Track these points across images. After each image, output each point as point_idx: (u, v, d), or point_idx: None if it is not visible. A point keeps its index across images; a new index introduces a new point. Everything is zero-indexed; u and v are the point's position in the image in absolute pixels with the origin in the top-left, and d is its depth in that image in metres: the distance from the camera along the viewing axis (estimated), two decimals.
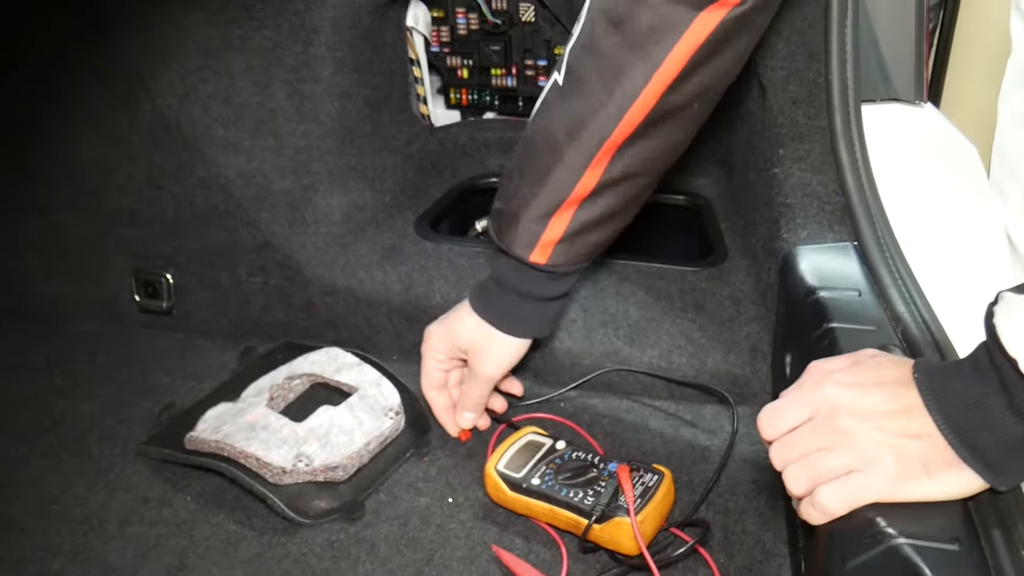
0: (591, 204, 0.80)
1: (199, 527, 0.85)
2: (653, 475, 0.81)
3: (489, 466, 0.84)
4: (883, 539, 0.56)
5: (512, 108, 1.41)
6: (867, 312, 0.78)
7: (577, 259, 0.84)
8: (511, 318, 0.87)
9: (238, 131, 1.12)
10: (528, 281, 0.85)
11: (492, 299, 0.87)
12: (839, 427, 0.60)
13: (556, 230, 0.81)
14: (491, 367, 0.89)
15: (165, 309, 1.19)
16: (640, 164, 0.78)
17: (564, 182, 0.79)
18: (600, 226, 0.82)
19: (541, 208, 0.81)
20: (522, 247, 0.83)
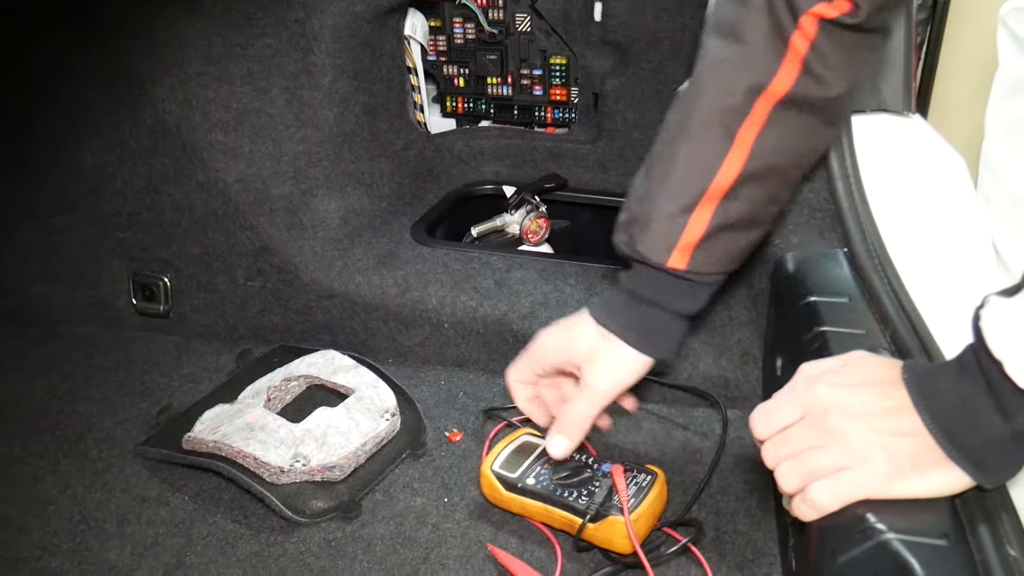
0: (732, 199, 0.73)
1: (197, 526, 0.85)
2: (646, 475, 0.82)
3: (485, 466, 0.85)
4: (873, 534, 0.57)
5: (507, 116, 1.43)
6: (857, 316, 0.79)
7: (719, 264, 0.76)
8: (639, 331, 0.78)
9: (237, 136, 1.13)
10: (664, 290, 0.76)
11: (619, 309, 0.79)
12: (830, 426, 0.61)
13: (696, 228, 0.73)
14: (607, 381, 0.79)
15: (162, 312, 1.20)
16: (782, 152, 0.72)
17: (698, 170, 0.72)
18: (743, 229, 0.75)
19: (676, 202, 0.73)
20: (658, 251, 0.74)
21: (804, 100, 0.70)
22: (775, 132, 0.71)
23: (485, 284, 1.09)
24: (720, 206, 0.73)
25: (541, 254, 1.22)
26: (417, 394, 1.03)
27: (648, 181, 0.76)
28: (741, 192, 0.73)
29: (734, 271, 0.78)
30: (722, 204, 0.73)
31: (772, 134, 0.71)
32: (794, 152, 0.73)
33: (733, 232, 0.75)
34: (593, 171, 1.37)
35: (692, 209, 0.73)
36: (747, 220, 0.75)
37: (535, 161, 1.39)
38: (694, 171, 0.73)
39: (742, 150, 0.71)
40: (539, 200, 1.31)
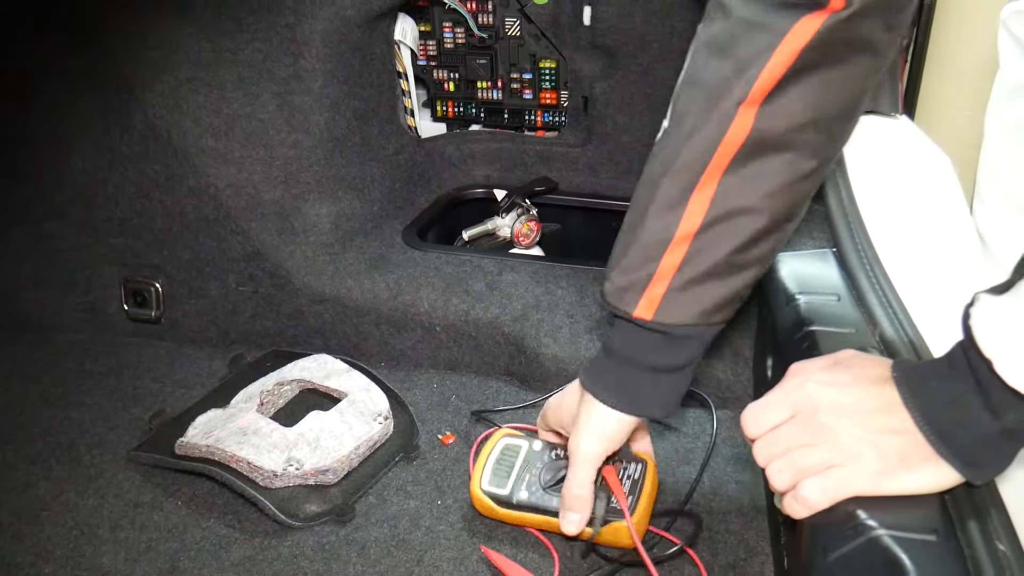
0: (699, 247, 0.69)
1: (190, 531, 0.86)
2: (636, 464, 0.82)
3: (474, 486, 0.84)
4: (864, 531, 0.57)
5: (497, 120, 1.43)
6: (846, 315, 0.79)
7: (692, 317, 0.71)
8: (615, 389, 0.75)
9: (228, 141, 1.13)
10: (634, 343, 0.73)
11: (600, 368, 0.76)
12: (821, 424, 0.61)
13: (663, 279, 0.70)
14: (585, 445, 0.76)
15: (154, 318, 1.20)
16: (750, 196, 0.68)
17: (664, 221, 0.70)
18: (715, 277, 0.70)
19: (643, 253, 0.71)
20: (626, 301, 0.72)
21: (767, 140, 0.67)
22: (741, 177, 0.68)
23: (477, 287, 1.10)
24: (688, 254, 0.69)
25: (532, 257, 1.23)
26: (410, 397, 1.03)
27: (624, 233, 0.74)
28: (708, 237, 0.69)
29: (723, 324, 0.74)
30: (690, 252, 0.69)
31: (737, 179, 0.68)
32: (770, 193, 0.68)
33: (706, 281, 0.70)
34: (583, 174, 1.37)
35: (658, 260, 0.70)
36: (722, 267, 0.70)
37: (526, 165, 1.40)
38: (660, 219, 0.70)
39: (704, 195, 0.68)
40: (530, 203, 1.32)
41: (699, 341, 0.73)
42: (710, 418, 0.96)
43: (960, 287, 0.82)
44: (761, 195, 0.68)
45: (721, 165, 0.67)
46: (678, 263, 0.70)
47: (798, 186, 0.69)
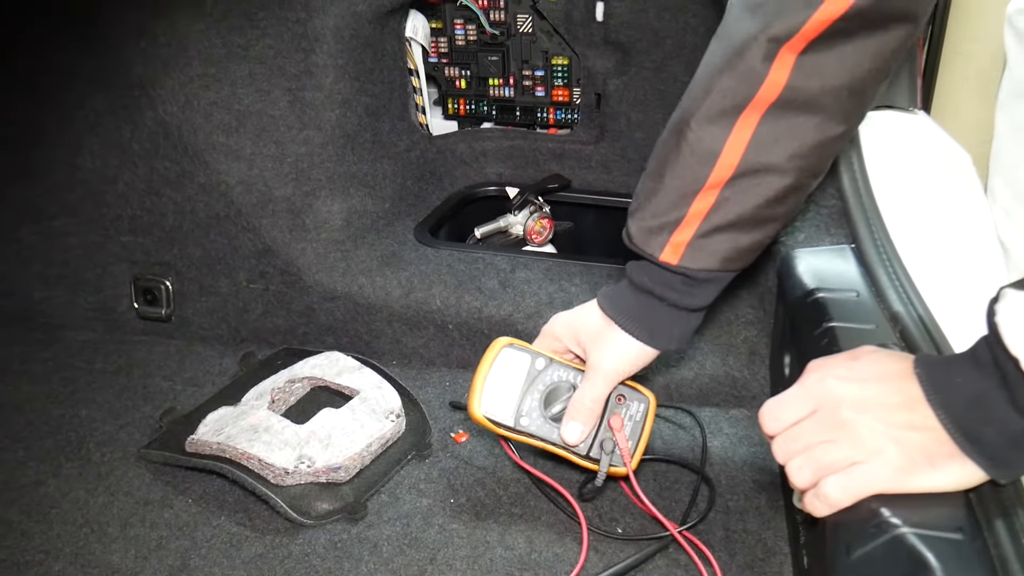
0: (727, 197, 0.72)
1: (201, 529, 0.85)
2: (639, 404, 0.83)
3: (473, 408, 0.81)
4: (887, 529, 0.56)
5: (510, 118, 1.42)
6: (865, 312, 0.78)
7: (716, 262, 0.75)
8: (637, 320, 0.78)
9: (239, 138, 1.12)
10: (660, 283, 0.77)
11: (621, 297, 0.79)
12: (842, 420, 0.60)
13: (689, 227, 0.73)
14: (609, 365, 0.79)
15: (164, 316, 1.19)
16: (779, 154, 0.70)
17: (695, 168, 0.72)
18: (739, 228, 0.73)
19: (671, 198, 0.73)
20: (651, 245, 0.75)
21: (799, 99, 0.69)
22: (770, 134, 0.70)
23: (489, 285, 1.09)
24: (714, 206, 0.73)
25: (545, 254, 1.22)
26: (422, 395, 1.02)
27: (647, 178, 0.76)
28: (736, 189, 0.72)
29: (742, 269, 0.78)
30: (717, 203, 0.73)
31: (767, 135, 0.70)
32: (796, 153, 0.71)
33: (730, 231, 0.74)
34: (596, 171, 1.36)
35: (686, 207, 0.73)
36: (746, 220, 0.73)
37: (538, 162, 1.39)
38: (690, 167, 0.72)
39: (737, 148, 0.71)
40: (542, 201, 1.31)
41: (718, 284, 0.77)
42: (727, 417, 0.96)
43: (980, 282, 0.81)
44: (789, 154, 0.70)
45: (753, 119, 0.69)
46: (706, 211, 0.73)
47: (825, 149, 0.72)
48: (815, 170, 0.73)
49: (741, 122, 0.70)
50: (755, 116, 0.70)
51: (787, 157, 0.71)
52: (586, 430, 0.81)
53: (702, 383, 0.99)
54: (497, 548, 0.81)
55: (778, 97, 0.68)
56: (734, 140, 0.71)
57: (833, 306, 0.79)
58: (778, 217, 0.75)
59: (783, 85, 0.68)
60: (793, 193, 0.73)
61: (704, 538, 0.80)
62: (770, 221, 0.75)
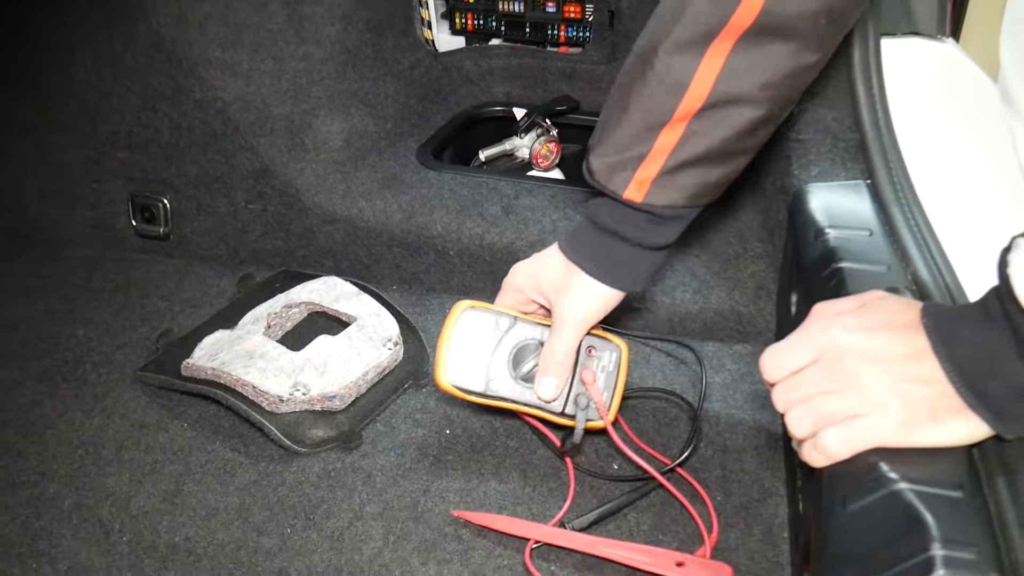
0: (695, 130, 0.68)
1: (195, 454, 0.85)
2: (611, 353, 0.80)
3: (439, 377, 0.79)
4: (885, 483, 0.55)
5: (519, 35, 1.38)
6: (877, 253, 0.76)
7: (683, 199, 0.71)
8: (599, 262, 0.75)
9: (236, 53, 1.08)
10: (623, 221, 0.73)
11: (583, 238, 0.76)
12: (845, 370, 0.58)
13: (654, 162, 0.70)
14: (575, 313, 0.76)
15: (162, 234, 1.17)
16: (751, 84, 0.67)
17: (661, 99, 0.68)
18: (708, 163, 0.70)
19: (635, 131, 0.70)
20: (614, 181, 0.71)
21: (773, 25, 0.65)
22: (743, 62, 0.66)
23: (492, 211, 1.06)
24: (682, 139, 0.69)
25: (551, 180, 1.19)
26: (421, 323, 1.01)
27: (610, 108, 0.72)
28: (705, 122, 0.68)
29: (708, 204, 0.74)
30: (684, 137, 0.69)
31: (739, 64, 0.66)
32: (769, 83, 0.67)
33: (698, 166, 0.70)
34: (607, 93, 1.30)
35: (651, 141, 0.70)
36: (715, 153, 0.70)
37: (547, 82, 1.34)
38: (654, 100, 0.69)
39: (707, 78, 0.67)
40: (550, 123, 1.27)
41: (684, 221, 0.74)
42: (730, 352, 0.94)
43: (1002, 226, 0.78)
44: (762, 84, 0.67)
45: (726, 45, 0.66)
46: (672, 145, 0.69)
47: (799, 78, 0.69)
48: (787, 100, 0.70)
49: (712, 50, 0.66)
50: (727, 43, 0.66)
51: (760, 87, 0.67)
52: (560, 384, 0.79)
53: (706, 317, 0.97)
54: (491, 481, 0.80)
55: (752, 23, 0.64)
56: (704, 69, 0.67)
57: (844, 246, 0.77)
58: (748, 150, 0.72)
59: (758, 10, 0.64)
60: (764, 124, 0.70)
61: (699, 476, 0.79)
62: (740, 154, 0.72)
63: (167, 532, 0.76)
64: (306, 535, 0.76)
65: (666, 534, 0.75)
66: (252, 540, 0.75)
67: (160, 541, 0.76)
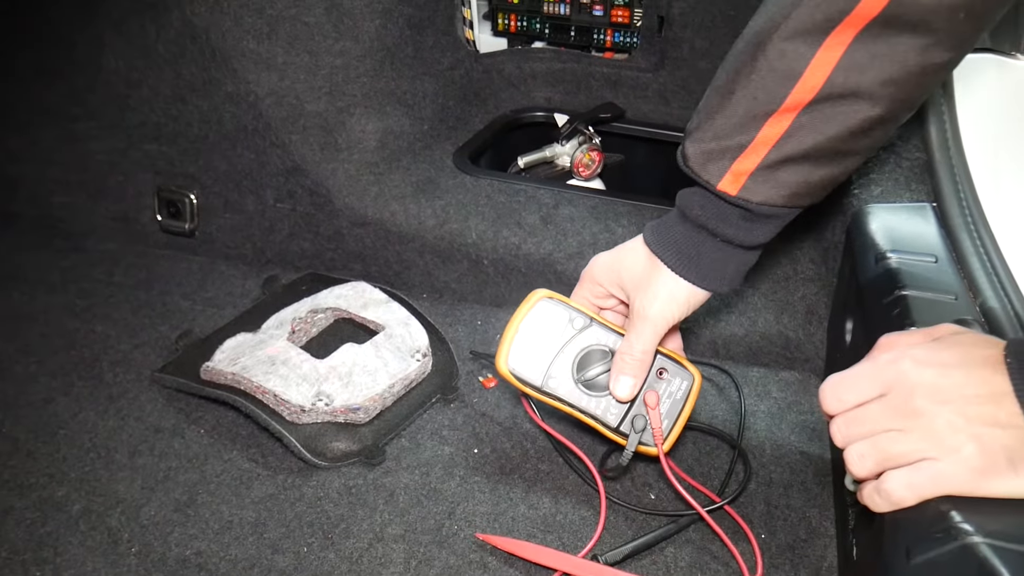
0: (803, 124, 0.63)
1: (211, 462, 0.81)
2: (681, 381, 0.75)
3: (500, 362, 0.75)
4: (957, 535, 0.50)
5: (563, 38, 1.34)
6: (944, 281, 0.71)
7: (781, 196, 0.66)
8: (685, 257, 0.70)
9: (271, 45, 1.05)
10: (716, 214, 0.68)
11: (669, 230, 0.71)
12: (915, 408, 0.53)
13: (755, 154, 0.65)
14: (656, 311, 0.71)
15: (187, 231, 1.14)
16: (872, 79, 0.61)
17: (770, 86, 0.63)
18: (813, 160, 0.65)
19: (738, 118, 0.65)
20: (710, 171, 0.66)
21: (905, 16, 0.59)
22: (865, 54, 0.61)
23: (530, 220, 1.02)
24: (788, 131, 0.64)
25: (592, 190, 1.15)
26: (451, 334, 0.97)
27: (713, 92, 0.67)
28: (816, 115, 0.63)
29: (809, 206, 0.69)
30: (791, 129, 0.64)
31: (860, 56, 0.61)
32: (891, 79, 0.61)
33: (802, 163, 0.65)
34: (653, 102, 1.28)
35: (755, 131, 0.64)
36: (823, 151, 0.64)
37: (591, 88, 1.30)
38: (761, 88, 0.63)
39: (823, 67, 0.61)
40: (593, 131, 1.23)
41: (780, 221, 0.69)
42: (776, 380, 0.90)
43: None
44: (883, 80, 0.61)
45: (847, 35, 0.60)
46: (777, 137, 0.64)
47: (927, 78, 0.62)
48: (911, 101, 0.64)
49: (832, 39, 0.60)
50: (850, 32, 0.60)
51: (881, 83, 0.61)
52: (638, 384, 0.74)
53: (752, 341, 0.92)
54: (520, 506, 0.76)
55: (881, 12, 0.59)
56: (821, 58, 0.61)
57: (907, 272, 0.72)
58: (859, 151, 0.66)
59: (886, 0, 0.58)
60: (881, 125, 0.64)
61: (743, 512, 0.75)
62: (849, 155, 0.65)
63: (177, 545, 0.73)
64: (323, 555, 0.72)
65: (705, 572, 0.70)
66: (267, 558, 0.72)
67: (170, 554, 0.72)
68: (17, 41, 1.17)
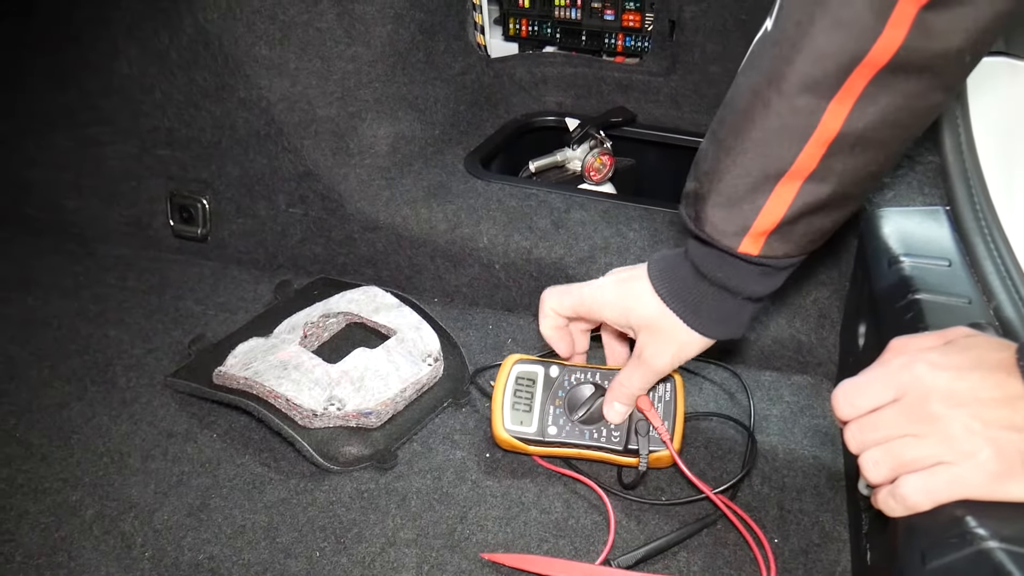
0: (816, 180, 0.62)
1: (224, 467, 0.81)
2: (665, 384, 0.79)
3: (496, 427, 0.79)
4: (972, 540, 0.50)
5: (575, 43, 1.33)
6: (957, 285, 0.71)
7: (799, 247, 0.66)
8: (704, 314, 0.70)
9: (283, 51, 1.05)
10: (735, 276, 0.68)
11: (684, 286, 0.70)
12: (930, 412, 0.53)
13: (773, 213, 0.63)
14: (665, 363, 0.73)
15: (200, 236, 1.15)
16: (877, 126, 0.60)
17: (777, 148, 0.62)
18: (829, 209, 0.64)
19: (749, 181, 0.63)
20: (728, 235, 0.65)
21: (913, 62, 0.58)
22: (874, 103, 0.60)
23: (541, 224, 1.02)
24: (804, 187, 0.62)
25: (603, 194, 1.14)
26: (463, 338, 0.97)
27: (717, 150, 0.65)
28: (830, 169, 0.62)
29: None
30: (806, 185, 0.62)
31: (871, 105, 0.60)
32: (897, 123, 0.61)
33: (818, 214, 0.64)
34: (665, 106, 1.27)
35: (770, 191, 0.63)
36: (837, 199, 0.63)
37: (602, 93, 1.30)
38: (773, 146, 0.62)
39: (835, 119, 0.60)
40: (604, 135, 1.22)
41: (794, 267, 0.69)
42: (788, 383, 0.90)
43: None
44: (891, 124, 0.60)
45: (858, 86, 0.58)
46: (794, 195, 0.63)
47: (929, 116, 0.63)
48: (912, 139, 0.65)
49: (844, 90, 0.59)
50: (861, 82, 0.58)
51: (890, 126, 0.60)
52: (627, 412, 0.78)
53: (764, 345, 0.92)
54: (532, 510, 0.76)
55: (890, 60, 0.57)
56: (834, 111, 0.59)
57: (920, 276, 0.72)
58: (868, 192, 0.69)
59: (898, 45, 0.56)
60: (890, 163, 0.65)
61: (756, 516, 0.74)
62: (855, 199, 0.65)
63: (191, 549, 0.73)
64: (335, 560, 0.72)
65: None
66: (279, 562, 0.72)
67: (183, 559, 0.72)
68: (32, 47, 1.18)
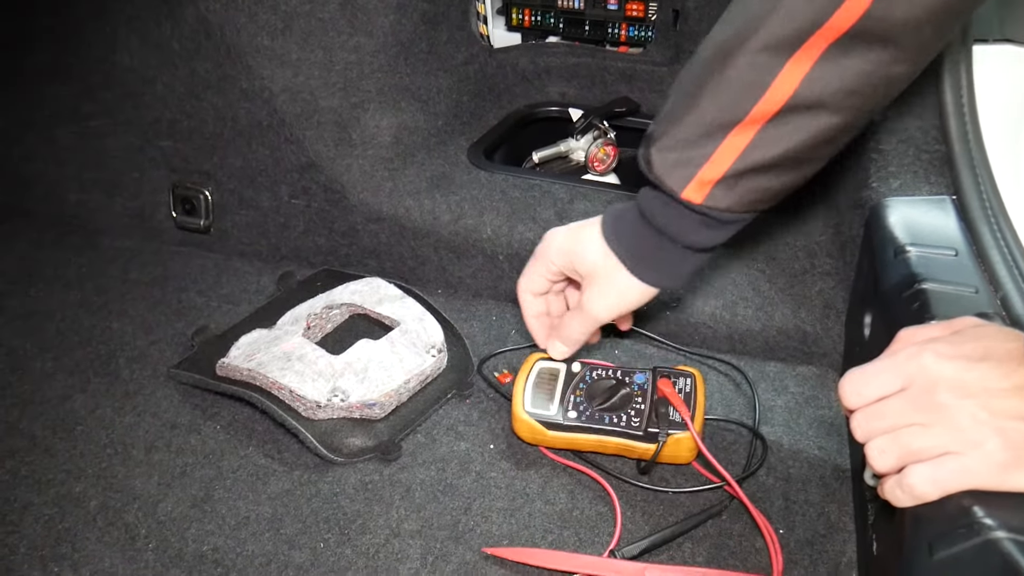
0: (768, 135, 0.64)
1: (228, 458, 0.81)
2: (686, 379, 0.80)
3: (516, 408, 0.79)
4: (980, 531, 0.49)
5: (578, 32, 1.33)
6: (964, 274, 0.71)
7: (741, 206, 0.67)
8: (644, 259, 0.72)
9: (285, 41, 1.05)
10: (676, 221, 0.69)
11: (629, 230, 0.72)
12: (937, 402, 0.53)
13: (720, 163, 0.65)
14: (603, 308, 0.75)
15: (203, 227, 1.14)
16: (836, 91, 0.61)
17: (735, 96, 0.63)
18: (777, 169, 0.65)
19: (703, 127, 0.65)
20: (674, 178, 0.66)
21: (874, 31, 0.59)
22: (833, 68, 0.61)
23: (545, 215, 1.02)
24: (754, 141, 0.64)
25: (607, 185, 1.14)
26: (466, 329, 0.97)
27: (678, 96, 0.67)
28: (783, 128, 0.63)
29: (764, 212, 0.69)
30: (757, 139, 0.64)
31: (829, 70, 0.61)
32: (855, 91, 0.62)
33: (766, 172, 0.65)
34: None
35: (720, 140, 0.65)
36: (788, 160, 0.65)
37: (606, 83, 1.29)
38: (727, 97, 0.64)
39: (791, 80, 0.62)
40: (608, 126, 1.22)
41: (739, 225, 0.70)
42: (793, 375, 0.89)
43: None
44: (848, 91, 0.62)
45: (817, 49, 0.60)
46: (742, 148, 0.65)
47: (891, 88, 0.64)
48: (871, 110, 0.65)
49: (802, 53, 0.61)
50: (819, 47, 0.60)
51: (845, 94, 0.62)
52: (568, 352, 0.81)
53: (769, 336, 0.91)
54: (537, 501, 0.76)
55: (851, 27, 0.59)
56: (789, 72, 0.61)
57: (927, 265, 0.72)
58: (822, 158, 0.67)
59: (861, 12, 0.58)
60: (844, 133, 0.65)
61: (761, 507, 0.74)
62: (811, 162, 0.67)
63: (195, 541, 0.73)
64: (340, 551, 0.72)
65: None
66: (283, 554, 0.71)
67: (187, 550, 0.72)
68: (32, 39, 1.17)
